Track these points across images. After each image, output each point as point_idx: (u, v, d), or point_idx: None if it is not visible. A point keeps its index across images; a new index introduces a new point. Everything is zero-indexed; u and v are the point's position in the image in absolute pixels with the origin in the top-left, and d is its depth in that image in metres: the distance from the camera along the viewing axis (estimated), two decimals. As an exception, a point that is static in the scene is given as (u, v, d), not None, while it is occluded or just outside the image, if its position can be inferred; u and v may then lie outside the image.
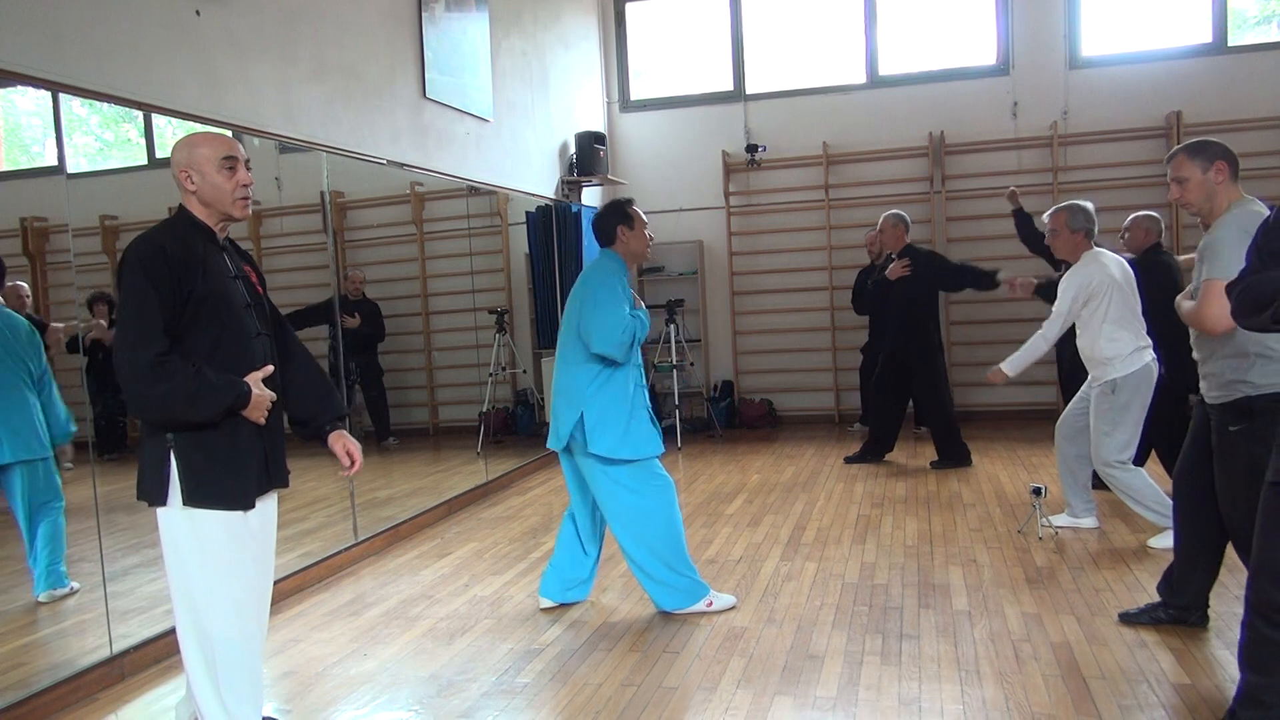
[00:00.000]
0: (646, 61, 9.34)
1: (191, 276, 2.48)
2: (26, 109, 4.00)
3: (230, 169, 2.58)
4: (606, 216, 3.90)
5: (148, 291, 2.42)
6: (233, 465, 2.56)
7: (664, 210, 9.15)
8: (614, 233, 3.88)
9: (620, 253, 3.89)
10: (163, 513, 2.53)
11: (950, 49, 8.50)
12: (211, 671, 2.55)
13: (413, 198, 6.45)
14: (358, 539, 5.05)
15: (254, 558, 2.66)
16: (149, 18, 3.88)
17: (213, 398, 2.47)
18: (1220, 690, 2.91)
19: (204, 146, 2.58)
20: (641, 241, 3.90)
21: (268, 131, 4.56)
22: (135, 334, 2.42)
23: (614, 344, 3.64)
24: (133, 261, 2.45)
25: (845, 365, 8.54)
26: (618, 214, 3.89)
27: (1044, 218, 4.72)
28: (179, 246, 2.49)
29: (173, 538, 2.54)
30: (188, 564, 2.54)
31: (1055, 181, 8.02)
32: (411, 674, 3.40)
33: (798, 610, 3.83)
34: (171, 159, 2.60)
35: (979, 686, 3.03)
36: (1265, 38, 7.97)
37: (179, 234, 2.53)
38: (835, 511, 5.43)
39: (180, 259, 2.47)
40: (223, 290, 2.56)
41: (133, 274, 2.44)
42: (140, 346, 2.41)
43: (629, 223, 3.87)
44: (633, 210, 3.91)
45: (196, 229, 2.58)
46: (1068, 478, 4.77)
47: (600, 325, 3.64)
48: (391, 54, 5.67)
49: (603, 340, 3.64)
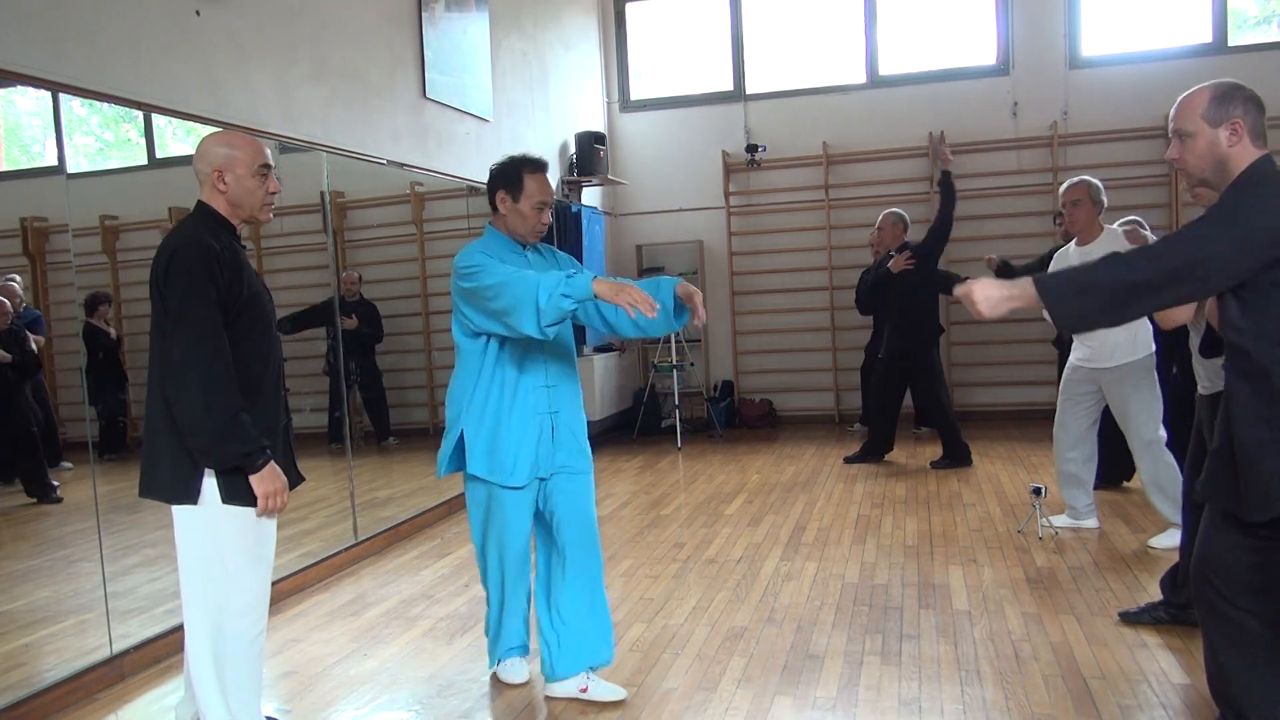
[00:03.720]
0: (646, 61, 9.34)
1: (237, 278, 2.48)
2: (26, 109, 4.00)
3: (264, 176, 2.59)
4: (491, 178, 3.02)
5: (211, 311, 2.39)
6: None
7: (664, 210, 9.17)
8: (492, 199, 3.01)
9: (498, 227, 3.02)
10: (188, 510, 2.49)
11: (950, 49, 8.50)
12: (220, 671, 2.54)
13: (413, 198, 6.45)
14: (358, 539, 5.05)
15: (273, 555, 2.68)
16: (149, 18, 3.88)
17: (235, 443, 2.42)
18: (1220, 690, 2.92)
19: (243, 150, 2.58)
20: (521, 219, 2.96)
21: (268, 132, 4.56)
22: (215, 375, 2.38)
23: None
24: (184, 266, 2.39)
25: (845, 365, 8.54)
26: (501, 176, 2.98)
27: (1060, 190, 4.69)
28: (218, 243, 2.47)
29: (198, 535, 2.51)
30: (213, 561, 2.51)
31: (1055, 181, 8.00)
32: (411, 674, 3.40)
33: (798, 610, 3.83)
34: (202, 154, 2.57)
35: (979, 686, 3.03)
36: (1265, 38, 7.97)
37: (215, 234, 2.51)
38: (835, 511, 5.43)
39: (225, 258, 2.45)
40: (258, 293, 2.59)
41: (192, 281, 2.38)
42: (223, 395, 2.38)
43: (514, 189, 2.95)
44: (529, 175, 2.96)
45: (225, 227, 2.58)
46: (1071, 481, 4.74)
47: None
48: (391, 54, 5.68)
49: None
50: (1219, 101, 2.23)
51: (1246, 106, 2.22)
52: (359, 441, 5.95)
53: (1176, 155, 2.30)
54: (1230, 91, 2.24)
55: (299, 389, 5.93)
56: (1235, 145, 2.20)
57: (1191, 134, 2.25)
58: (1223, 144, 2.21)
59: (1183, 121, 2.27)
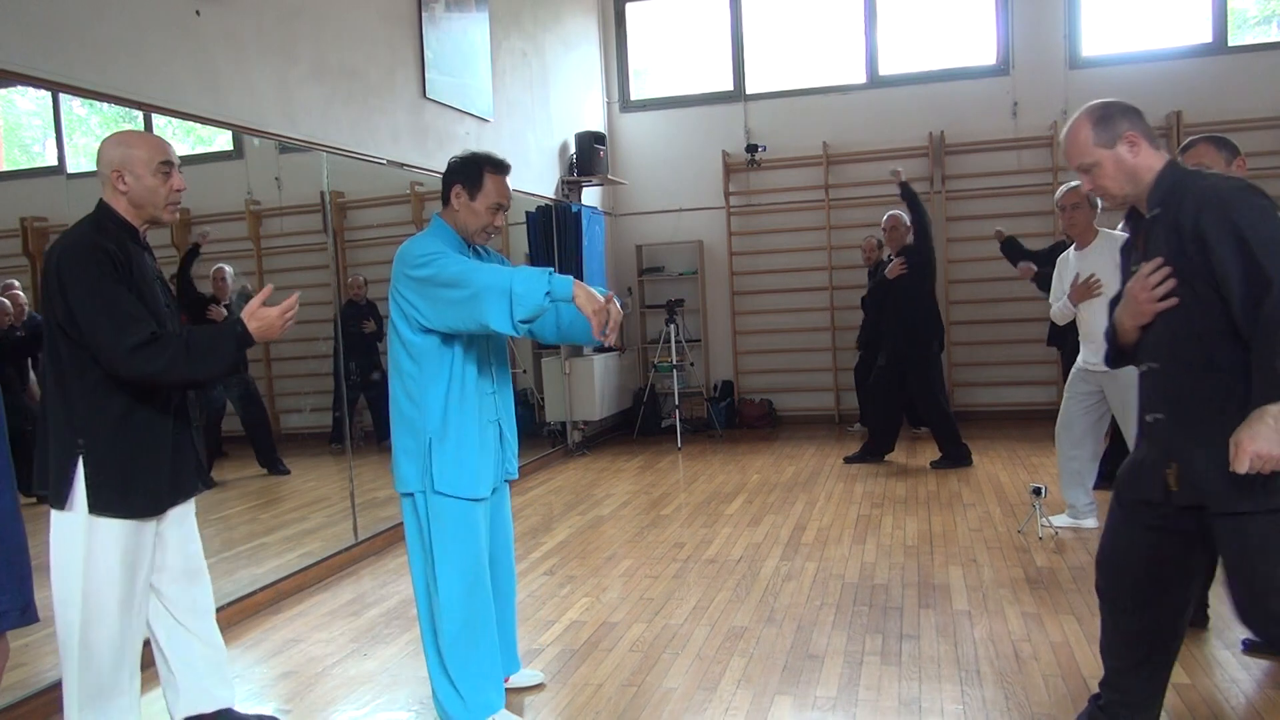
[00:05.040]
0: (646, 61, 9.34)
1: (125, 275, 2.47)
2: (26, 109, 4.00)
3: (166, 174, 2.56)
4: (449, 169, 2.90)
5: (106, 281, 2.40)
6: (144, 474, 2.53)
7: (664, 210, 9.17)
8: (447, 192, 2.87)
9: (448, 221, 2.88)
10: (59, 515, 2.47)
11: (950, 49, 8.50)
12: (82, 673, 2.50)
13: (413, 198, 6.45)
14: (358, 539, 5.05)
15: (150, 566, 2.62)
16: (149, 18, 3.88)
17: (214, 350, 2.47)
18: (1220, 690, 2.92)
19: (141, 149, 2.55)
20: (474, 217, 2.84)
21: (268, 131, 4.56)
22: (120, 321, 2.39)
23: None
24: (73, 261, 2.41)
25: (845, 365, 8.53)
26: (461, 169, 2.87)
27: (1056, 196, 4.70)
28: (113, 245, 2.47)
29: (63, 542, 2.47)
30: (74, 570, 2.47)
31: (1055, 181, 8.01)
32: (411, 674, 3.40)
33: (798, 610, 3.83)
34: (101, 155, 2.56)
35: (979, 686, 3.03)
36: (1265, 38, 7.97)
37: (109, 234, 2.50)
38: (835, 511, 5.43)
39: (116, 257, 2.45)
40: (149, 292, 2.56)
41: (82, 271, 2.40)
42: (131, 330, 2.39)
43: (472, 186, 2.83)
44: (489, 175, 2.84)
45: (124, 229, 2.55)
46: (1073, 479, 4.74)
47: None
48: (392, 54, 5.68)
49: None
50: (1103, 125, 2.23)
51: (1129, 117, 2.25)
52: (359, 441, 5.95)
53: (1091, 187, 2.29)
54: (1106, 111, 2.25)
55: (299, 389, 5.93)
56: (1139, 155, 2.22)
57: (1095, 163, 2.25)
58: (1128, 159, 2.22)
59: (1080, 158, 2.26)
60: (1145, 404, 2.31)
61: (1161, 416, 2.24)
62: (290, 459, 5.63)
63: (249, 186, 5.15)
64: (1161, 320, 2.21)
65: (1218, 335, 2.12)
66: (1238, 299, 2.03)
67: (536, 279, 2.53)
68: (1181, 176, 2.20)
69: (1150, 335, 2.27)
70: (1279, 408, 1.95)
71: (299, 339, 5.76)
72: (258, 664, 3.61)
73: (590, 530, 5.34)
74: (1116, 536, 2.41)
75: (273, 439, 5.59)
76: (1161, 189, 2.21)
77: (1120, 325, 2.34)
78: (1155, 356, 2.26)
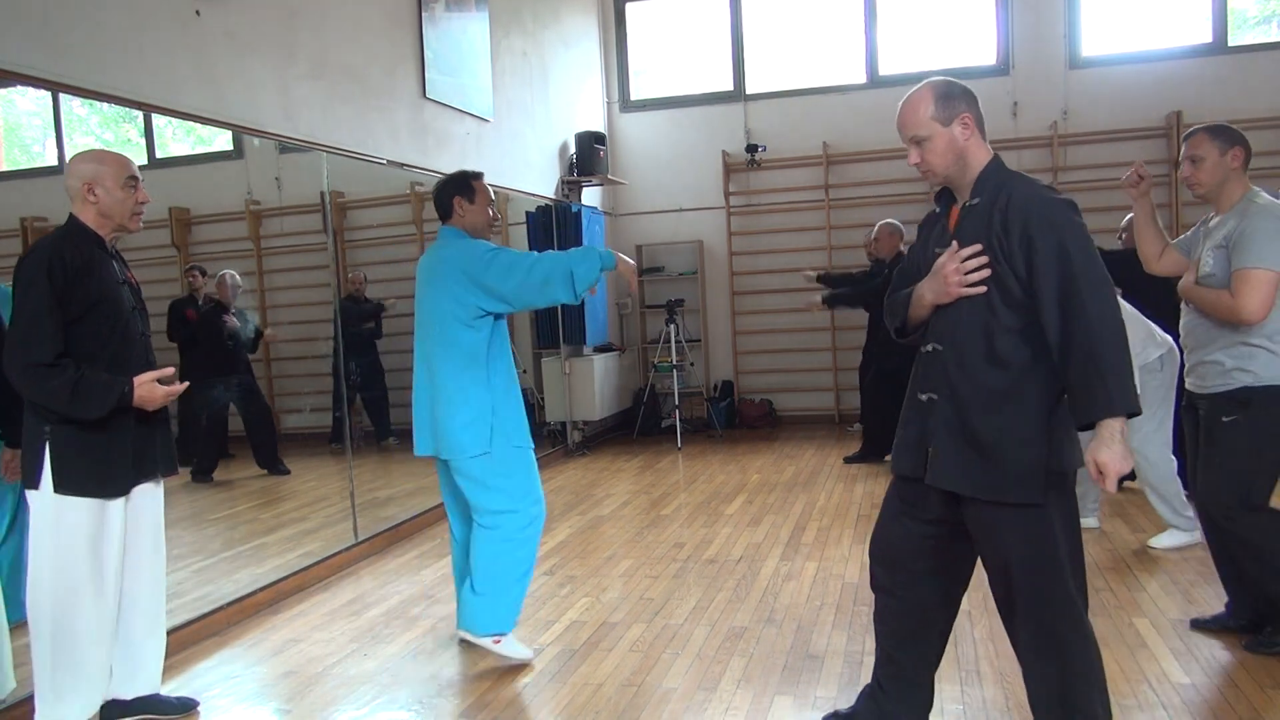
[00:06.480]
0: (646, 61, 9.34)
1: (86, 280, 2.72)
2: (26, 109, 4.00)
3: (133, 187, 2.85)
4: (444, 188, 3.52)
5: (45, 296, 2.65)
6: (103, 456, 2.77)
7: (664, 210, 9.17)
8: (450, 205, 3.49)
9: (460, 226, 3.50)
10: (32, 495, 2.74)
11: (950, 49, 8.50)
12: (55, 654, 2.74)
13: (413, 198, 6.45)
14: (358, 539, 5.05)
15: (120, 545, 2.85)
16: (149, 18, 3.88)
17: (95, 396, 2.69)
18: (1220, 690, 2.92)
19: (111, 165, 2.83)
20: (481, 215, 3.49)
21: (268, 131, 4.56)
22: (31, 335, 2.64)
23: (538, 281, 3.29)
24: (31, 267, 2.67)
25: (845, 365, 8.53)
26: (455, 185, 3.50)
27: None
28: (75, 253, 2.72)
29: (37, 521, 2.75)
30: (44, 547, 2.73)
31: (1055, 181, 8.01)
32: (411, 674, 3.40)
33: (798, 610, 3.83)
34: (72, 171, 2.81)
35: (979, 686, 3.03)
36: (1265, 38, 7.97)
37: (74, 241, 2.76)
38: (835, 511, 5.43)
39: (76, 265, 2.70)
40: (113, 295, 2.81)
41: (32, 278, 2.66)
42: (35, 348, 2.64)
43: (468, 194, 3.48)
44: (477, 183, 3.51)
45: (90, 237, 2.81)
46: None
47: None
48: (391, 54, 5.68)
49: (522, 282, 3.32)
50: (944, 101, 2.25)
51: (968, 101, 2.27)
52: (359, 441, 5.95)
53: (918, 160, 2.30)
54: (951, 89, 2.27)
55: (299, 389, 5.93)
56: (970, 139, 2.25)
57: (928, 137, 2.25)
58: (959, 140, 2.25)
59: (915, 128, 2.26)
60: (921, 383, 2.34)
61: (935, 398, 2.26)
62: (290, 459, 5.63)
63: (249, 186, 5.15)
64: (960, 305, 2.23)
65: (1010, 332, 2.16)
66: (1054, 317, 2.08)
67: (591, 261, 3.27)
68: (1007, 177, 2.25)
69: (942, 317, 2.28)
70: (1119, 423, 2.04)
71: (299, 339, 5.77)
72: (258, 664, 3.61)
73: (590, 530, 5.34)
74: (886, 508, 2.48)
75: (276, 439, 5.59)
76: (987, 183, 2.25)
77: (920, 299, 2.33)
78: (942, 339, 2.28)
